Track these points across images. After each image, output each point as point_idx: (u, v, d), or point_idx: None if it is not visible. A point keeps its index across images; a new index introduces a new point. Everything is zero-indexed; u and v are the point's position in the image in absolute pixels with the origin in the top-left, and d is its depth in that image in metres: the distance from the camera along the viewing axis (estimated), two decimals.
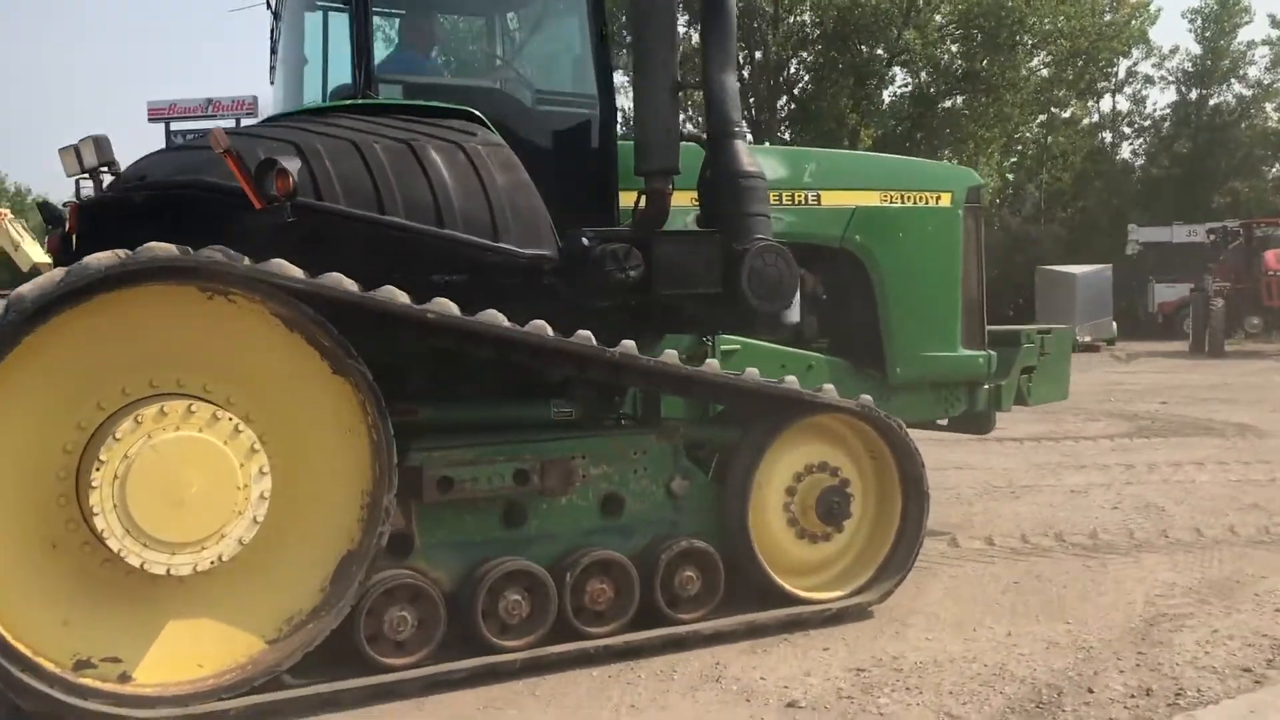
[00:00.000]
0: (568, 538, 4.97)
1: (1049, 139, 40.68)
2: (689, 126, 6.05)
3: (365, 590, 4.43)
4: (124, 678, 4.10)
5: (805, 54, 34.95)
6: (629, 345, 4.88)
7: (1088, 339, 32.46)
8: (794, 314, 6.61)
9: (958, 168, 7.60)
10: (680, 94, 5.54)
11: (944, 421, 7.46)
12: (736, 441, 5.37)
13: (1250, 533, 7.24)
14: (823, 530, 5.42)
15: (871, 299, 6.72)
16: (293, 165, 4.21)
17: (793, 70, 35.67)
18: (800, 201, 6.57)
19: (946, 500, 8.61)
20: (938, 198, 6.97)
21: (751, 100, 35.96)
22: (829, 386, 5.41)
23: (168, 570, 4.05)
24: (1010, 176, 43.87)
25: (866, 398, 5.48)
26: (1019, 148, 41.00)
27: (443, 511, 4.73)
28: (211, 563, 4.13)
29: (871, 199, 6.77)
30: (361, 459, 4.47)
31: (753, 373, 5.23)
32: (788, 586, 5.30)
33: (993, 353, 7.13)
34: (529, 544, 4.90)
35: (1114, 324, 32.64)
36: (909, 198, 6.87)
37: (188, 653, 4.22)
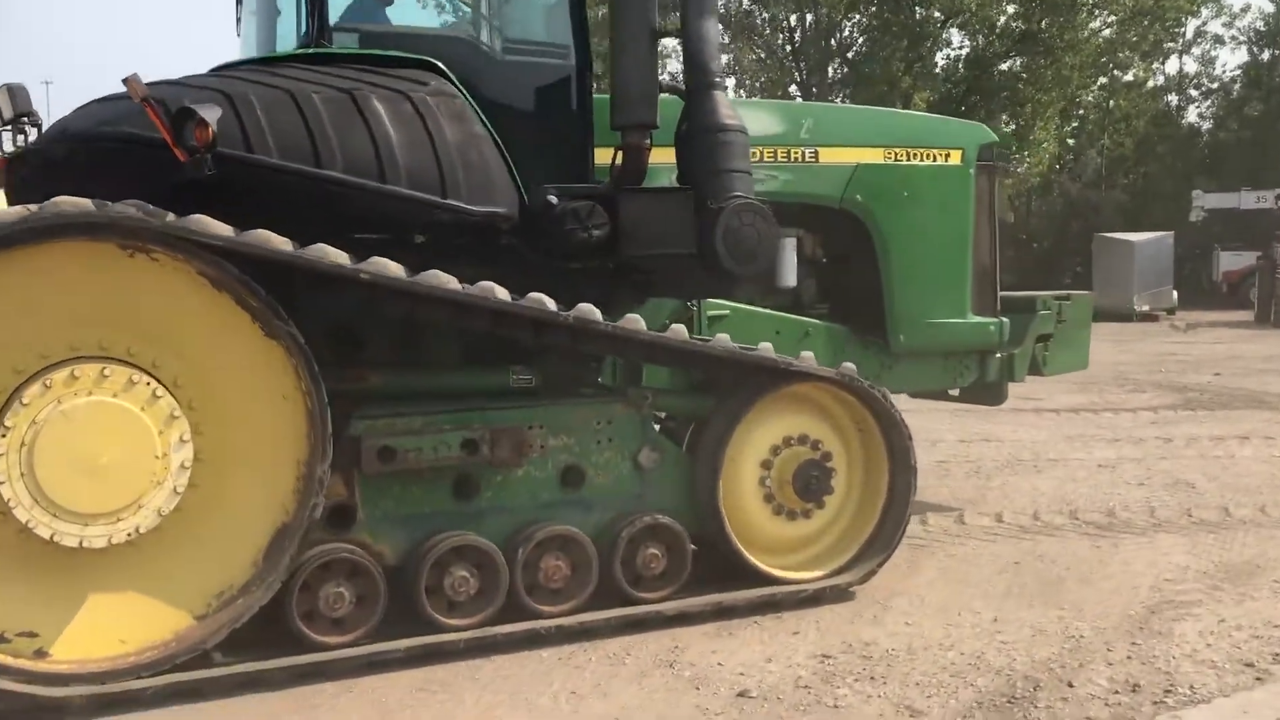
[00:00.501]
0: (524, 511, 4.71)
1: (1111, 103, 39.52)
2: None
3: (299, 565, 4.21)
4: (39, 654, 3.92)
5: (858, 15, 34.14)
6: (585, 309, 4.59)
7: (1146, 308, 31.64)
8: (790, 277, 6.31)
9: (970, 123, 7.15)
10: (659, 43, 5.23)
11: (955, 392, 7.10)
12: (710, 412, 5.07)
13: None
14: (801, 506, 5.10)
15: (874, 262, 6.36)
16: (211, 115, 3.94)
17: (845, 33, 34.93)
18: (797, 159, 6.21)
19: (964, 474, 8.25)
20: (947, 155, 6.57)
21: (802, 64, 35.35)
22: (808, 354, 5.08)
23: (80, 542, 3.85)
24: (1071, 142, 42.77)
25: (849, 366, 5.14)
26: (1079, 112, 39.89)
27: (388, 483, 4.49)
28: (129, 535, 3.92)
29: (874, 156, 6.38)
30: (297, 427, 4.23)
31: (722, 339, 4.91)
32: (762, 565, 5.00)
33: (1005, 320, 6.74)
34: (481, 517, 4.65)
35: (1174, 293, 31.72)
36: (915, 155, 6.47)
37: (110, 628, 4.03)
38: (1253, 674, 4.13)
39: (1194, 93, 43.74)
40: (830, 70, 35.69)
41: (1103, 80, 36.85)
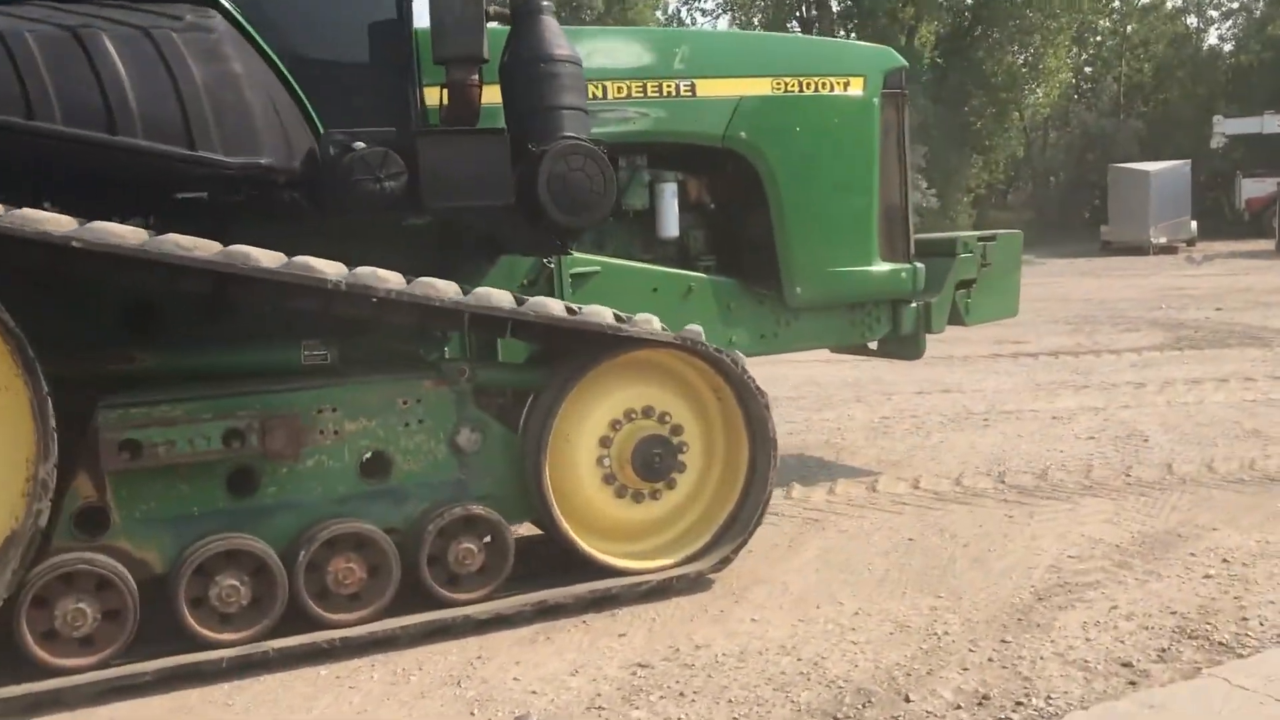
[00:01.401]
0: (317, 507, 4.14)
1: (1127, 27, 38.16)
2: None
3: (27, 578, 3.67)
4: None
5: None
6: (363, 273, 3.98)
7: (1163, 240, 30.68)
8: (671, 227, 5.70)
9: (874, 47, 6.43)
10: None
11: (874, 345, 6.47)
12: (541, 385, 4.48)
13: (1230, 468, 6.15)
14: (649, 487, 4.52)
15: (764, 207, 5.72)
16: None
17: None
18: (670, 93, 5.55)
19: (904, 432, 7.63)
20: (845, 84, 5.89)
21: None
22: (645, 316, 4.46)
23: None
24: (1089, 70, 41.50)
25: (694, 328, 4.51)
26: (1097, 38, 38.62)
27: (146, 480, 3.93)
28: None
29: (760, 87, 5.71)
30: (21, 422, 3.68)
31: (540, 302, 4.29)
32: (599, 555, 4.42)
33: (919, 265, 6.09)
34: (265, 516, 4.09)
35: (1193, 224, 30.73)
36: (809, 84, 5.80)
37: None
38: (1127, 677, 3.53)
39: (1214, 14, 42.24)
40: (835, 4, 34.64)
41: (1115, 3, 35.58)
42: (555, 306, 4.29)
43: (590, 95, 5.37)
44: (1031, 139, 39.33)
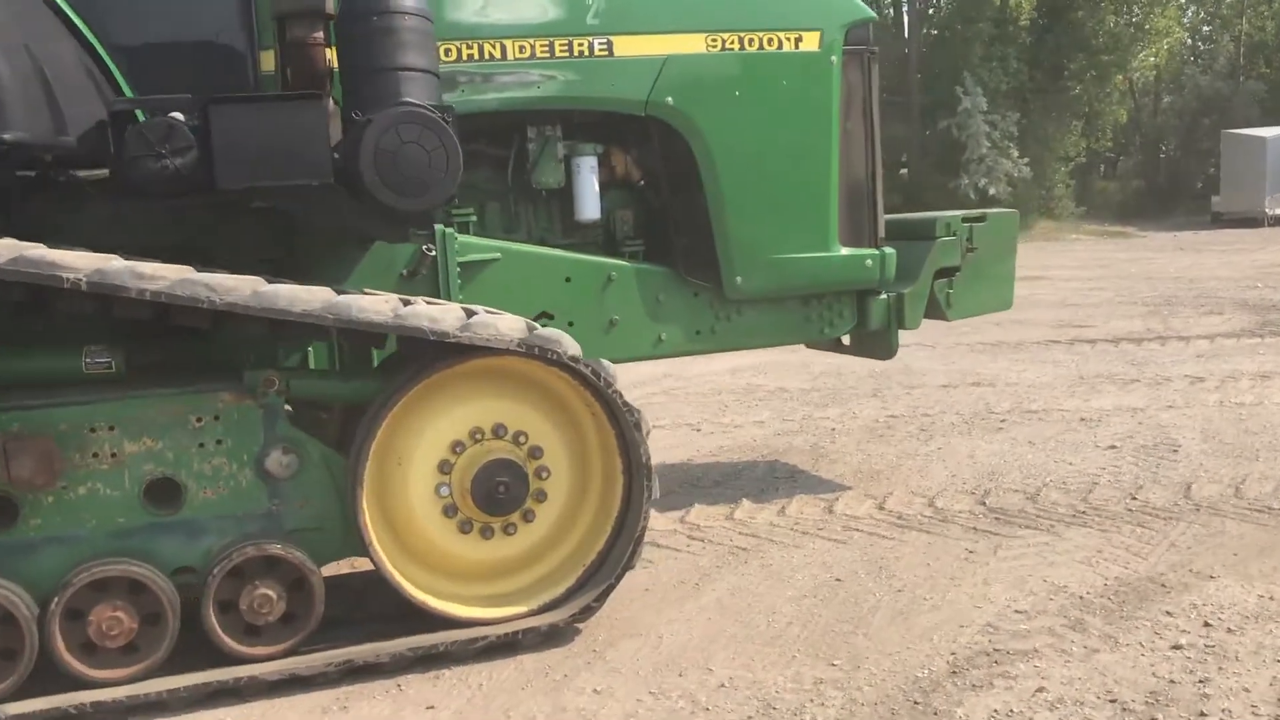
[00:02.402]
0: (91, 543, 3.53)
1: None
2: None
3: None
4: None
5: None
6: (113, 267, 3.32)
7: (1279, 211, 28.75)
8: (590, 208, 4.96)
9: None
10: None
11: (846, 340, 5.65)
12: (372, 398, 3.79)
13: (1261, 493, 5.20)
14: (499, 521, 3.81)
15: (697, 185, 4.93)
16: None
17: None
18: (581, 52, 4.79)
19: (905, 434, 6.78)
20: (798, 39, 5.05)
21: None
22: (483, 316, 3.72)
23: None
24: (1206, 29, 39.19)
25: (548, 332, 3.76)
26: None
27: None
28: None
29: (690, 44, 4.91)
30: None
31: (350, 301, 3.56)
32: (432, 602, 3.74)
33: (889, 251, 5.24)
34: (26, 554, 3.49)
35: None
36: (751, 40, 4.98)
37: None
38: None
39: None
40: None
41: None
42: (374, 305, 3.58)
43: (486, 56, 4.70)
44: (1140, 104, 37.26)
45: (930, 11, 34.30)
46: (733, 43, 4.94)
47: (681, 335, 5.05)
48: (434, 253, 4.51)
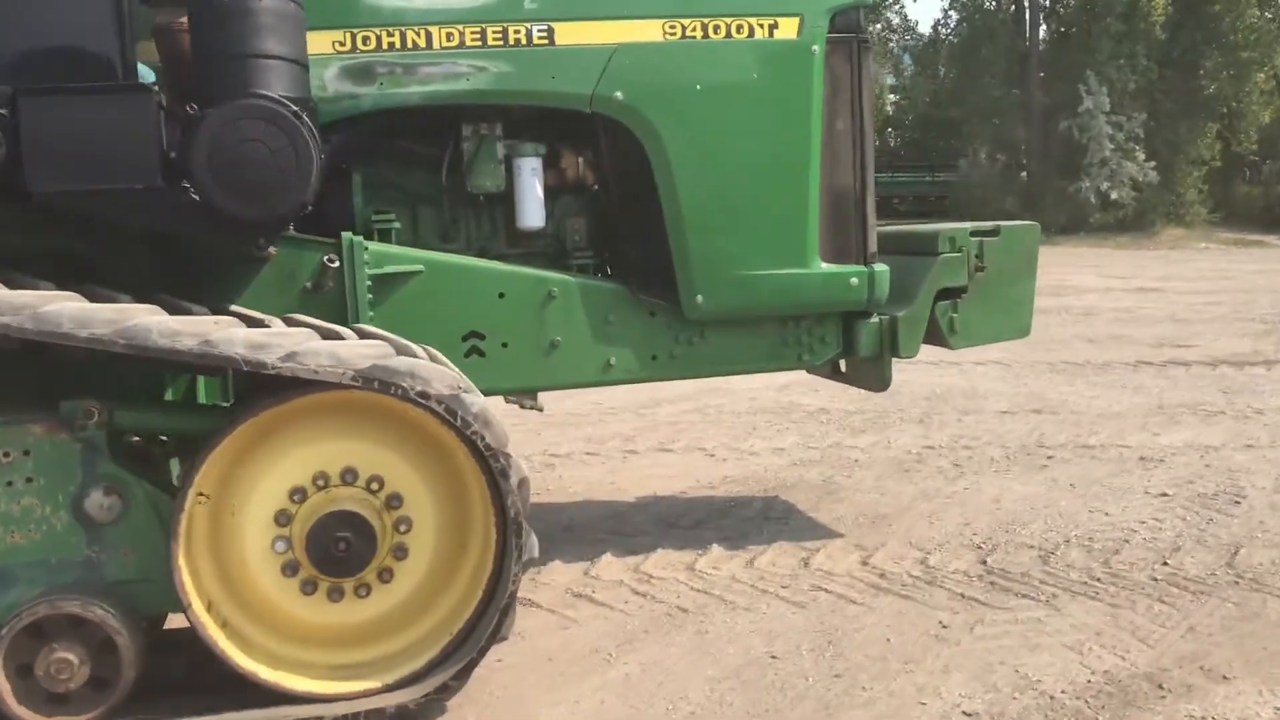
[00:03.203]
0: None
1: None
2: None
3: None
4: None
5: None
6: None
7: None
8: (533, 215, 4.41)
9: None
10: None
11: (844, 368, 4.99)
12: (209, 433, 3.29)
13: None
14: (353, 582, 3.28)
15: (652, 191, 4.34)
16: None
17: None
18: (518, 40, 4.23)
19: (931, 471, 6.07)
20: (772, 26, 4.40)
21: None
22: (319, 343, 3.18)
23: None
24: None
25: (399, 362, 3.19)
26: None
27: None
28: None
29: (644, 31, 4.31)
30: None
31: (152, 324, 3.05)
32: (262, 674, 3.21)
33: (880, 268, 4.56)
34: None
35: None
36: (716, 27, 4.35)
37: None
38: None
39: None
40: None
41: None
42: (187, 327, 3.07)
43: (409, 44, 4.21)
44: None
45: (1055, 6, 32.64)
46: (694, 30, 4.32)
47: (635, 360, 4.46)
48: (336, 264, 4.01)
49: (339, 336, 3.37)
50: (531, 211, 4.39)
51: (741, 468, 6.32)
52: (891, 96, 43.46)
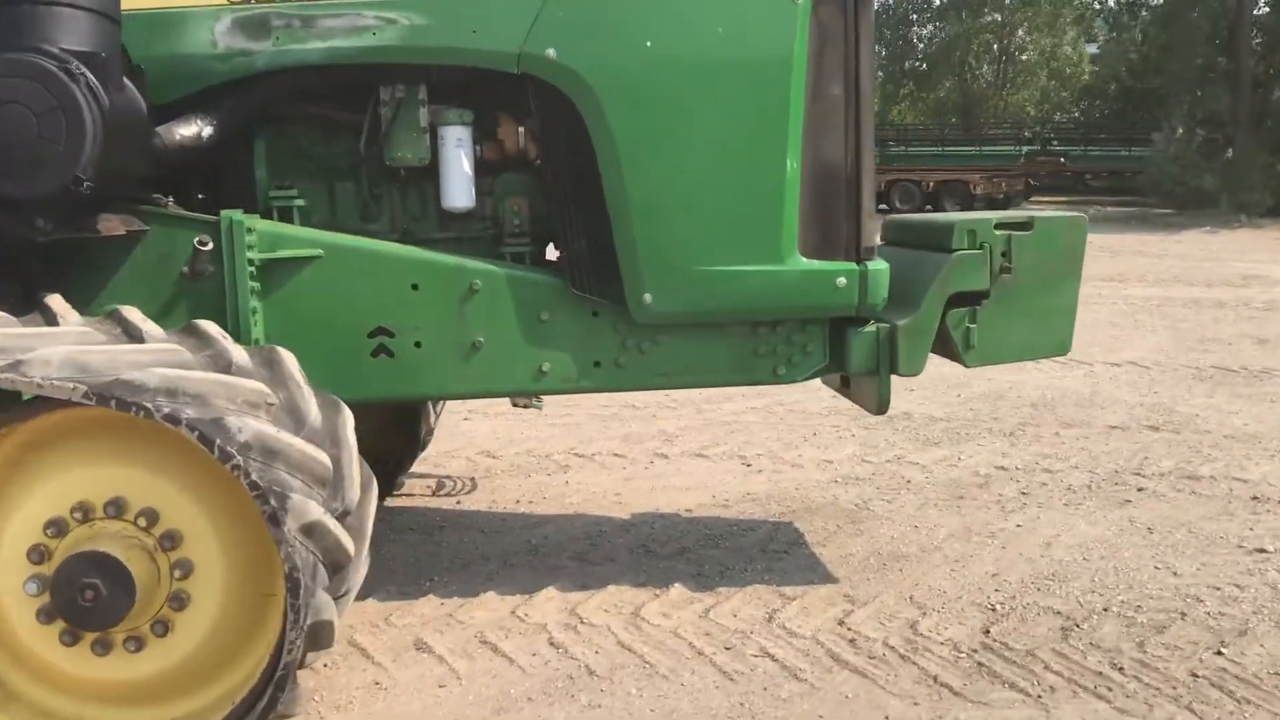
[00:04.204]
0: None
1: None
2: None
3: None
4: None
5: None
6: None
7: None
8: (459, 194, 3.79)
9: None
10: None
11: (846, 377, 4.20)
12: None
13: None
14: (123, 634, 2.76)
15: (591, 167, 3.65)
16: None
17: None
18: None
19: (988, 500, 5.21)
20: None
21: None
22: (51, 350, 2.62)
23: None
24: None
25: (144, 375, 2.61)
26: None
27: None
28: None
29: None
30: None
31: None
32: None
33: (876, 265, 3.75)
34: None
35: None
36: None
37: None
38: None
39: None
40: None
41: None
42: None
43: None
44: None
45: None
46: None
47: (573, 367, 3.79)
48: (208, 246, 3.47)
49: (138, 339, 2.83)
50: (457, 189, 3.78)
51: (772, 482, 5.55)
52: (1091, 67, 40.75)
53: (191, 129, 3.59)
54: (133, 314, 3.06)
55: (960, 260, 3.79)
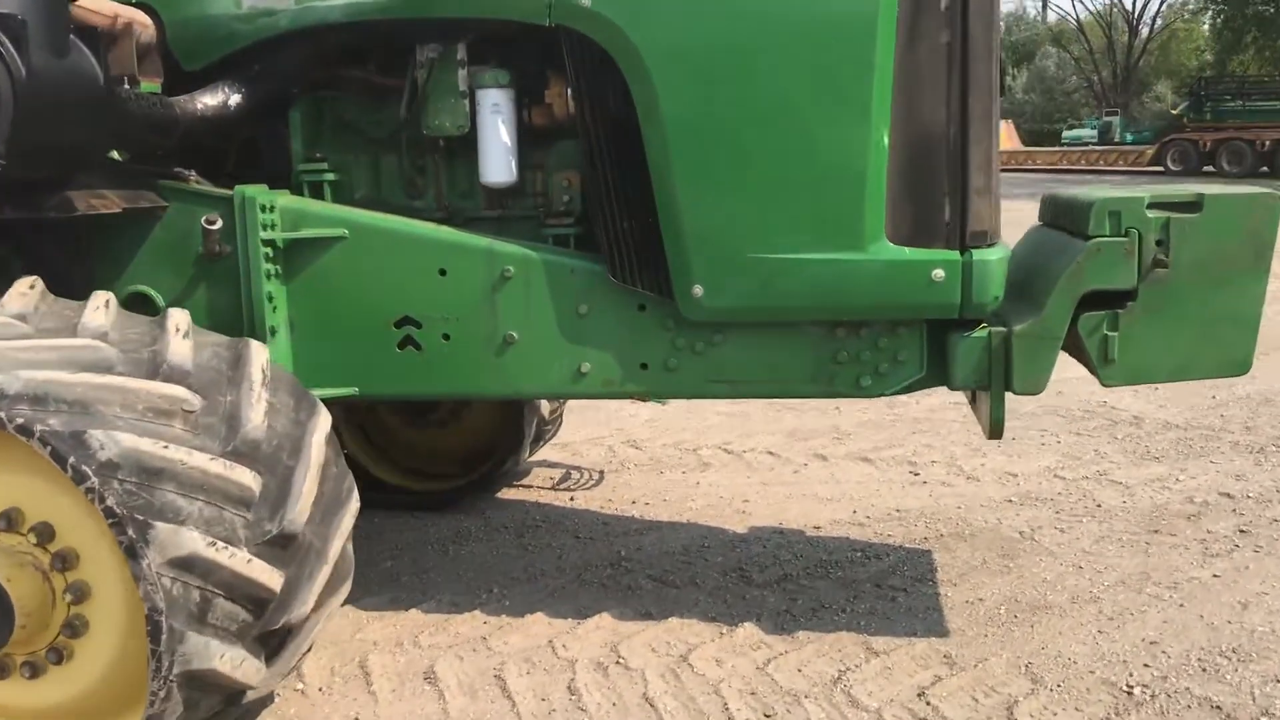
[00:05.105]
0: None
1: None
2: None
3: None
4: None
5: None
6: None
7: None
8: (498, 168, 3.36)
9: None
10: None
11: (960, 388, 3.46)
12: None
13: None
14: (24, 657, 2.50)
15: (634, 136, 3.10)
16: None
17: None
18: None
19: (1186, 540, 4.31)
20: None
21: None
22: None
23: None
24: None
25: (32, 376, 2.29)
26: None
27: None
28: None
29: None
30: None
31: None
32: None
33: (992, 254, 3.02)
34: None
35: None
36: None
37: None
38: None
39: None
40: None
41: None
42: None
43: None
44: None
45: None
46: None
47: (617, 369, 3.27)
48: (216, 225, 3.19)
49: (64, 332, 2.57)
50: (494, 162, 3.33)
51: (933, 498, 4.81)
52: None
53: (215, 98, 3.33)
54: (95, 299, 2.80)
55: (1097, 250, 2.97)
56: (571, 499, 4.87)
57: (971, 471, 5.17)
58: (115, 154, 3.40)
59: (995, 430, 3.15)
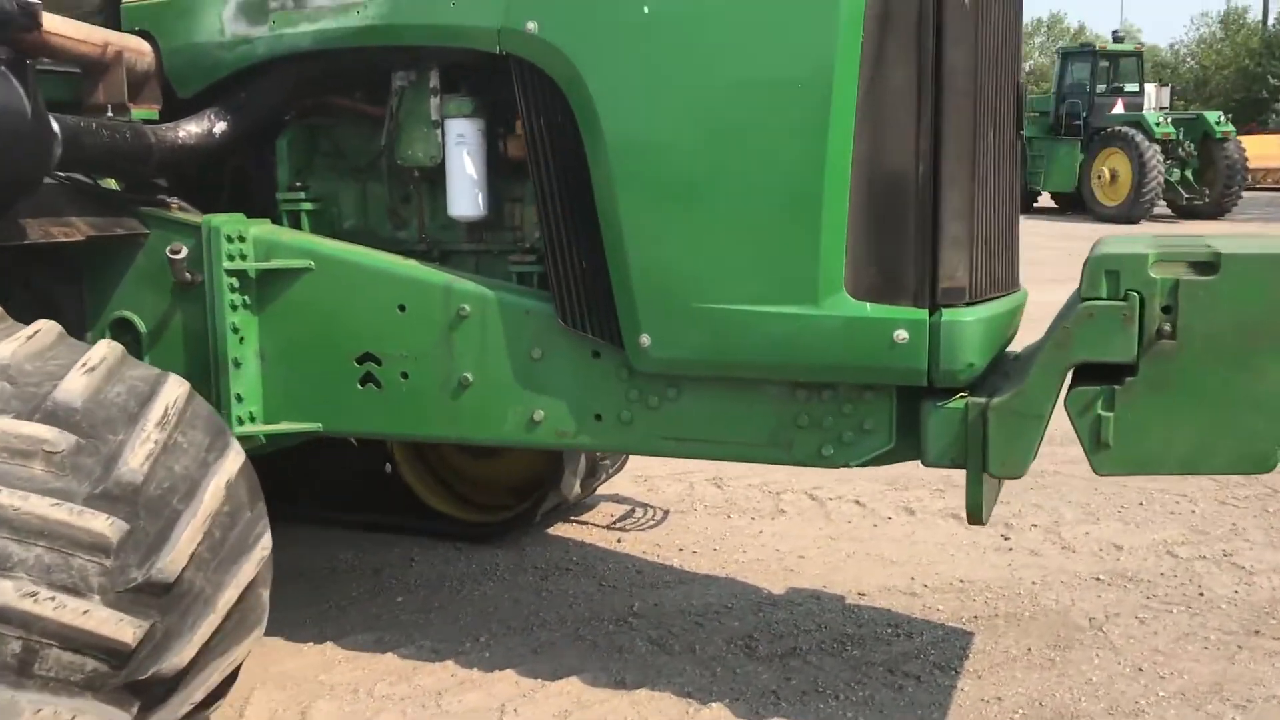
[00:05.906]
0: None
1: None
2: None
3: None
4: None
5: None
6: None
7: None
8: (465, 201, 3.23)
9: None
10: None
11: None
12: None
13: None
14: None
15: (582, 169, 2.88)
16: None
17: None
18: None
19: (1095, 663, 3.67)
20: None
21: None
22: None
23: None
24: None
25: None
26: None
27: None
28: None
29: None
30: None
31: None
32: None
33: (968, 315, 2.63)
34: None
35: None
36: None
37: None
38: None
39: None
40: None
41: None
42: None
43: None
44: None
45: None
46: None
47: (569, 419, 3.05)
48: (181, 254, 3.17)
49: None
50: (460, 194, 3.19)
51: (1009, 569, 4.32)
52: None
53: (198, 126, 3.30)
54: (31, 328, 2.80)
55: (1088, 315, 2.51)
56: (619, 540, 4.64)
57: (1070, 541, 4.62)
58: (112, 182, 3.44)
59: (974, 515, 2.73)
